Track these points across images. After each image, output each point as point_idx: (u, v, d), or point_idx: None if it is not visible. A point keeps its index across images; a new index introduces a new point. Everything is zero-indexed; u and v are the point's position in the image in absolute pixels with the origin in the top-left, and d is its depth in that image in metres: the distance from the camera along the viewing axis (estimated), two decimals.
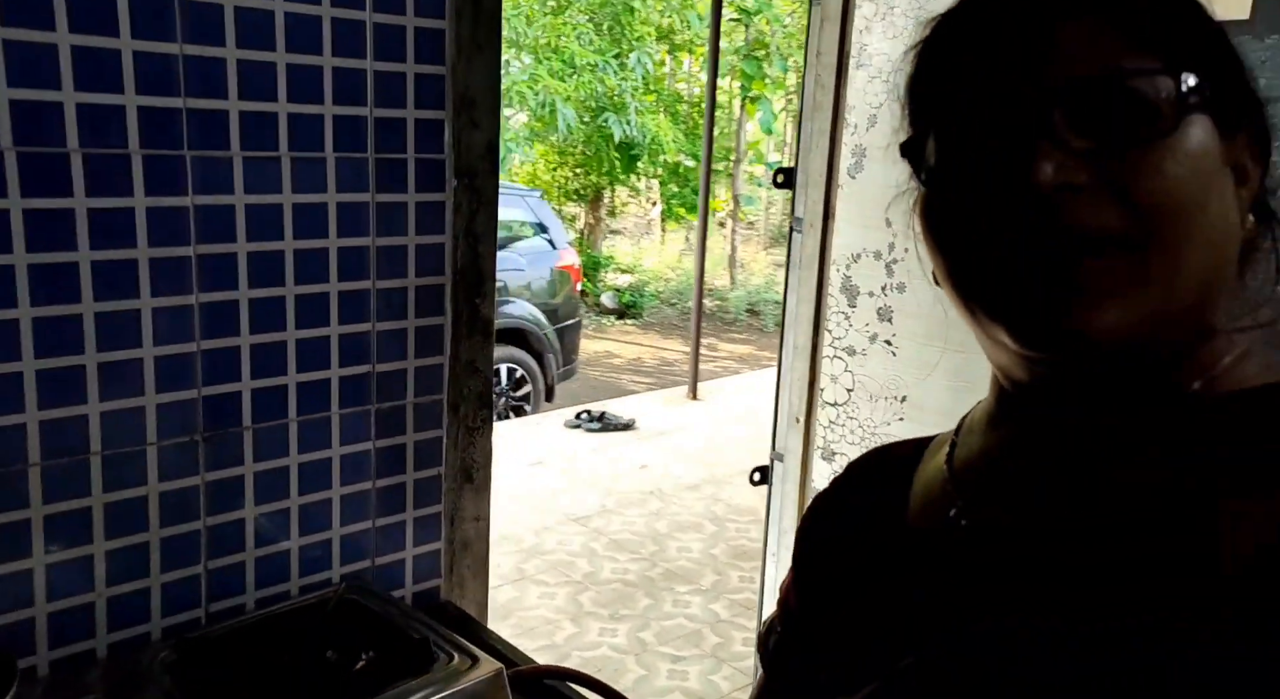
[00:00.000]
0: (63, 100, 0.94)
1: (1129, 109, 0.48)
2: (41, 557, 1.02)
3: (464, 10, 1.23)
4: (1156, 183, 0.48)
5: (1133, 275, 0.48)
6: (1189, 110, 0.49)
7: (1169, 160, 0.48)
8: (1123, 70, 0.48)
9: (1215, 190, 0.50)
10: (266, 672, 1.03)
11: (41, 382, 0.98)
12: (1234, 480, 0.47)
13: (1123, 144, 0.48)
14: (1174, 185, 0.48)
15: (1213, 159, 0.50)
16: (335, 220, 1.16)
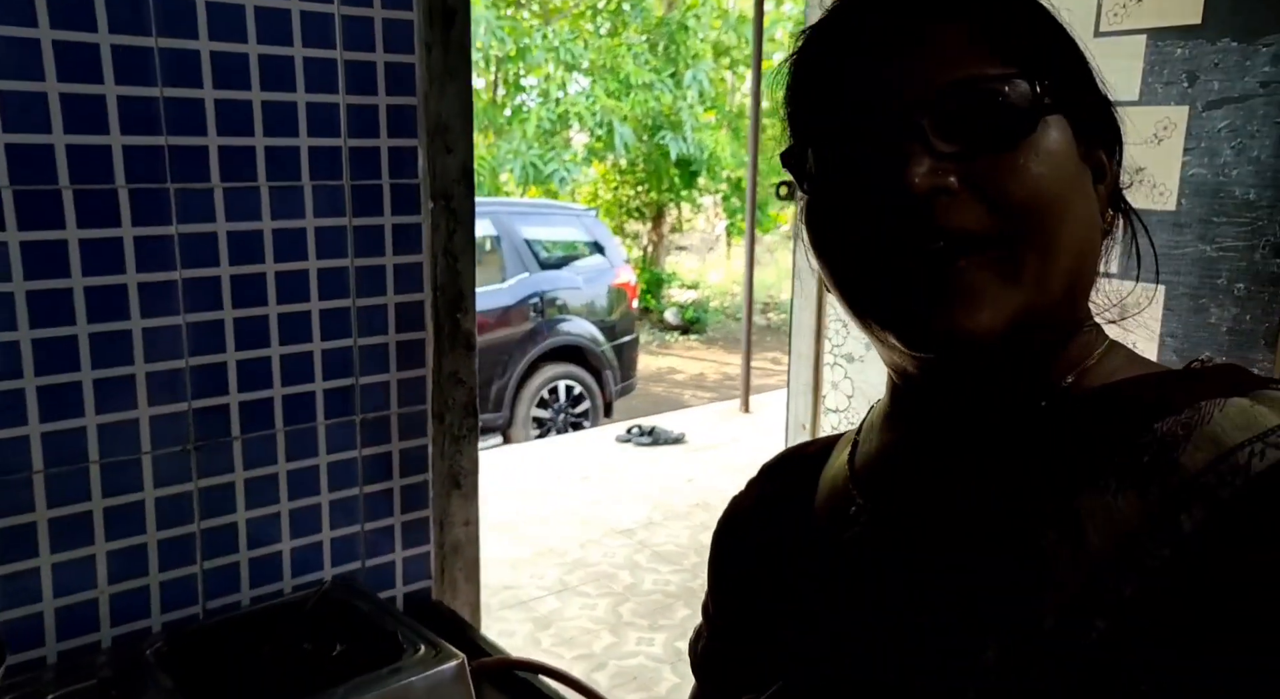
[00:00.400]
0: (53, 142, 1.05)
1: (992, 113, 0.51)
2: (48, 556, 1.12)
3: (434, 43, 1.31)
4: (1022, 183, 0.50)
5: (1005, 274, 0.51)
6: (1046, 111, 0.51)
7: (1032, 160, 0.50)
8: (984, 77, 0.51)
9: (1076, 187, 0.53)
10: (249, 661, 1.11)
11: (42, 397, 1.09)
12: (1096, 474, 0.49)
13: (988, 147, 0.51)
14: (1038, 184, 0.50)
15: (1071, 158, 0.53)
16: (314, 244, 1.25)
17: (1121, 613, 0.44)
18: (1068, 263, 0.52)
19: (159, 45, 1.10)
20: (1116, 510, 0.47)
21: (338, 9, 1.21)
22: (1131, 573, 0.45)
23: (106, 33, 1.06)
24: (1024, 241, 0.51)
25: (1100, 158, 0.56)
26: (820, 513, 0.64)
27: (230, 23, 1.14)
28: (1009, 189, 0.50)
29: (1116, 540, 0.46)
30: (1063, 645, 0.45)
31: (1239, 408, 0.48)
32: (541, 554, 3.95)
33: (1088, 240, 0.54)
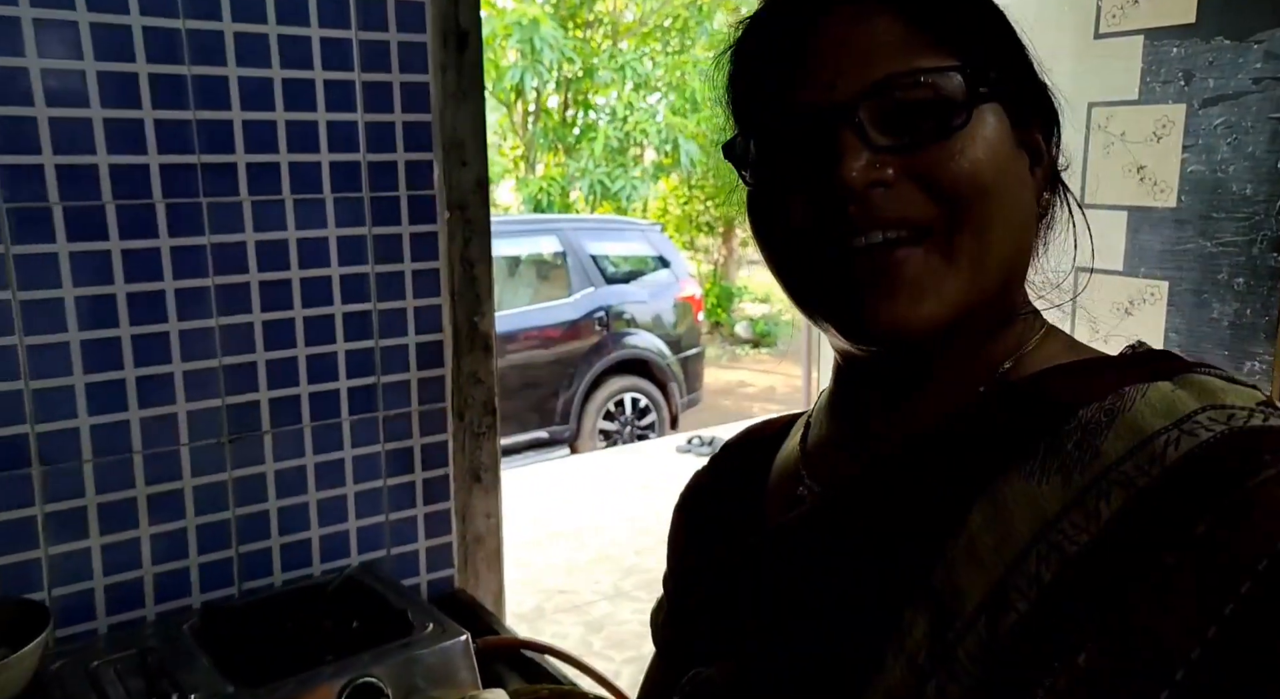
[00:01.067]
0: (98, 162, 1.17)
1: (927, 106, 0.51)
2: (97, 538, 1.24)
3: (448, 64, 1.40)
4: (958, 172, 0.51)
5: (944, 262, 0.51)
6: (981, 100, 0.52)
7: (968, 149, 0.51)
8: (919, 69, 0.51)
9: (1012, 173, 0.53)
10: (274, 635, 1.20)
11: (90, 392, 1.20)
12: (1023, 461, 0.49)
13: (925, 138, 0.51)
14: (974, 171, 0.51)
15: (1007, 144, 0.53)
16: (336, 252, 1.34)
17: (1041, 597, 0.45)
18: (1005, 248, 0.53)
19: (191, 72, 1.21)
20: (1041, 496, 0.47)
21: (355, 34, 1.31)
22: (1052, 557, 0.45)
23: (144, 62, 1.18)
24: (961, 229, 0.51)
25: (1037, 141, 0.56)
26: (771, 493, 0.66)
27: (255, 50, 1.24)
28: (946, 177, 0.51)
29: (1040, 525, 0.46)
30: (985, 627, 0.46)
31: (1161, 393, 0.48)
32: (598, 560, 4.02)
33: (1024, 226, 0.55)
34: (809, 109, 0.52)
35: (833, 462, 0.61)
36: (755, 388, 9.44)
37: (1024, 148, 0.55)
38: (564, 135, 10.81)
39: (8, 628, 0.99)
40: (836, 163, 0.50)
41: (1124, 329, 1.55)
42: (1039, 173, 0.57)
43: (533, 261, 6.25)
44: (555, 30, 9.34)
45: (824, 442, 0.63)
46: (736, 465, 0.72)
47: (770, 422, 0.74)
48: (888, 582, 0.51)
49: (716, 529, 0.69)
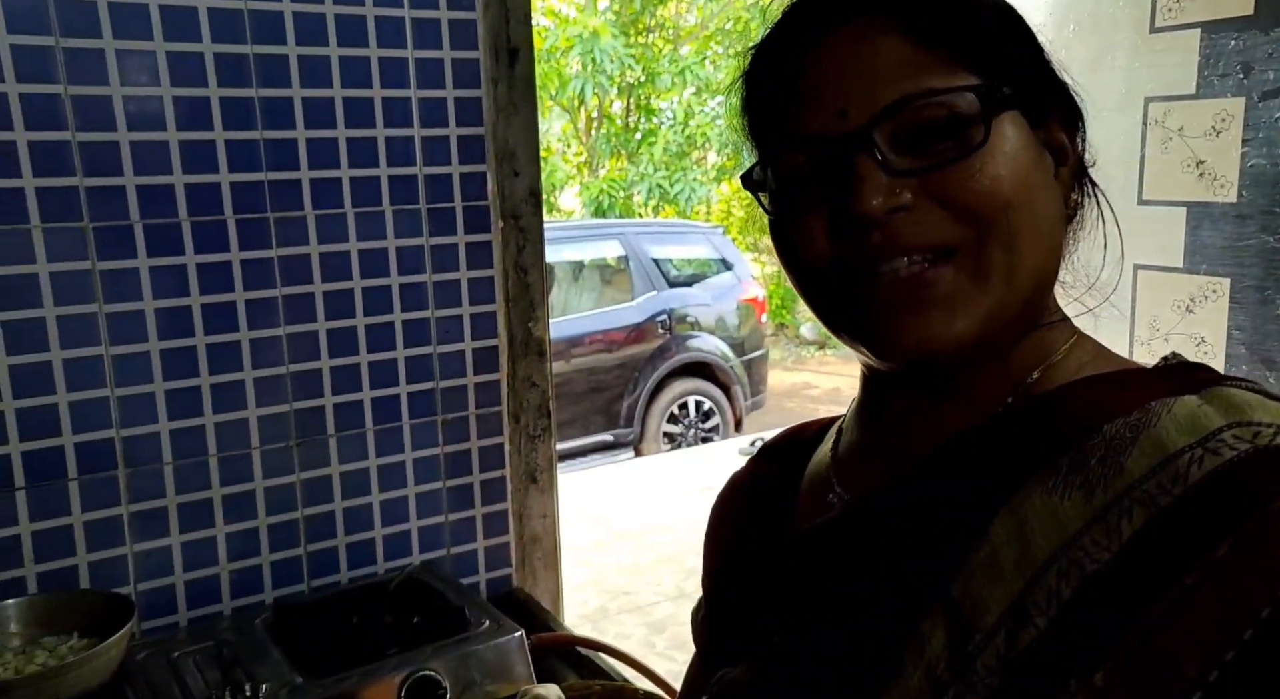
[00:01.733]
0: (173, 182, 1.24)
1: (942, 127, 0.50)
2: (177, 536, 1.31)
3: (499, 78, 1.45)
4: (981, 190, 0.50)
5: (974, 278, 0.51)
6: (998, 111, 0.51)
7: (988, 165, 0.50)
8: (931, 90, 0.50)
9: (1036, 180, 0.52)
10: (339, 629, 1.26)
11: (170, 399, 1.28)
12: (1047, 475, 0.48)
13: (943, 159, 0.50)
14: (996, 186, 0.50)
15: (1029, 150, 0.52)
16: (395, 262, 1.40)
17: (1061, 614, 0.44)
18: (1035, 257, 0.52)
19: (259, 95, 1.28)
20: (1063, 512, 0.46)
21: (411, 53, 1.37)
22: (1073, 574, 0.45)
23: (216, 86, 1.25)
24: (990, 245, 0.51)
25: (1061, 141, 0.55)
26: (803, 498, 0.66)
27: (318, 72, 1.31)
28: (968, 196, 0.50)
29: (1061, 542, 0.46)
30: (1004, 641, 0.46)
31: (1187, 409, 0.47)
32: (661, 561, 4.04)
33: (1052, 231, 0.54)
34: (822, 137, 0.52)
35: (861, 470, 0.61)
36: (820, 389, 9.35)
37: (1047, 149, 0.55)
38: (626, 140, 10.87)
39: (97, 619, 1.06)
40: (854, 192, 0.50)
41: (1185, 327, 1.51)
42: (1064, 173, 0.56)
43: (596, 266, 6.31)
44: (615, 40, 9.41)
45: (853, 449, 0.63)
46: (773, 468, 0.73)
47: (808, 424, 0.74)
48: (908, 590, 0.51)
49: (750, 531, 0.70)
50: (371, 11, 1.32)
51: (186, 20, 1.21)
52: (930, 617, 0.49)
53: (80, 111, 1.17)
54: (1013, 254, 0.51)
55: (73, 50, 1.15)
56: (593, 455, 5.94)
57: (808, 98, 0.53)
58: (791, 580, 0.60)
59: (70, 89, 1.16)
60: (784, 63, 0.55)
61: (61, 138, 1.16)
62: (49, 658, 1.02)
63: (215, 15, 1.23)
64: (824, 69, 0.53)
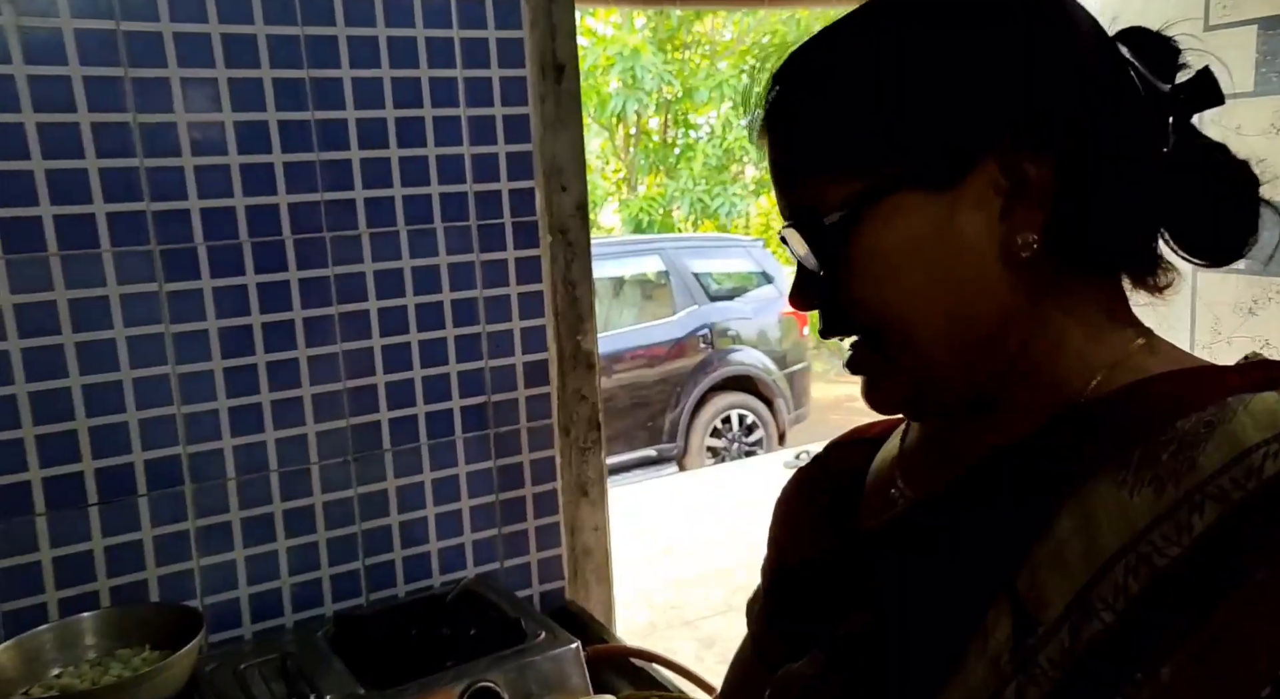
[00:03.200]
0: (234, 204, 1.28)
1: (809, 241, 0.55)
2: (241, 550, 1.34)
3: (546, 95, 1.47)
4: (856, 303, 0.55)
5: (885, 363, 0.56)
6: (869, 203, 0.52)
7: (859, 270, 0.54)
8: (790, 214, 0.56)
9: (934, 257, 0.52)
10: (399, 642, 1.27)
11: (233, 416, 1.31)
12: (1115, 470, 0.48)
13: (825, 268, 0.56)
14: (867, 300, 0.54)
15: (916, 232, 0.52)
16: (447, 278, 1.42)
17: (1128, 608, 0.44)
18: (944, 333, 0.54)
19: (314, 117, 1.31)
20: (1132, 507, 0.46)
21: (460, 73, 1.39)
22: (1141, 569, 0.45)
23: (274, 110, 1.28)
24: (883, 338, 0.55)
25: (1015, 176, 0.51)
26: (867, 494, 0.67)
27: (371, 93, 1.34)
28: (851, 302, 0.55)
29: (1130, 536, 0.46)
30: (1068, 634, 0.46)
31: (1265, 405, 0.46)
32: (708, 576, 4.02)
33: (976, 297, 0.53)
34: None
35: (925, 468, 0.62)
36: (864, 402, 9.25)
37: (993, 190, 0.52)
38: (665, 156, 10.92)
39: (167, 632, 1.09)
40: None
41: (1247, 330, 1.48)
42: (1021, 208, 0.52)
43: (637, 282, 6.33)
44: (655, 57, 9.48)
45: (917, 448, 0.64)
46: (839, 464, 0.73)
47: (874, 424, 0.75)
48: (972, 583, 0.51)
49: (814, 525, 0.70)
50: (422, 33, 1.35)
51: (246, 47, 1.25)
52: (995, 608, 0.49)
53: (147, 138, 1.21)
54: (909, 342, 0.54)
55: (140, 80, 1.19)
56: (636, 471, 5.94)
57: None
58: (857, 575, 0.61)
59: (138, 117, 1.20)
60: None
61: (130, 164, 1.20)
62: (123, 670, 1.05)
63: (274, 41, 1.26)
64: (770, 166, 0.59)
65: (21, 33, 1.13)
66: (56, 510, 1.21)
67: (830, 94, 0.55)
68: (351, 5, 1.31)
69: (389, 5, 1.33)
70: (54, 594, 1.21)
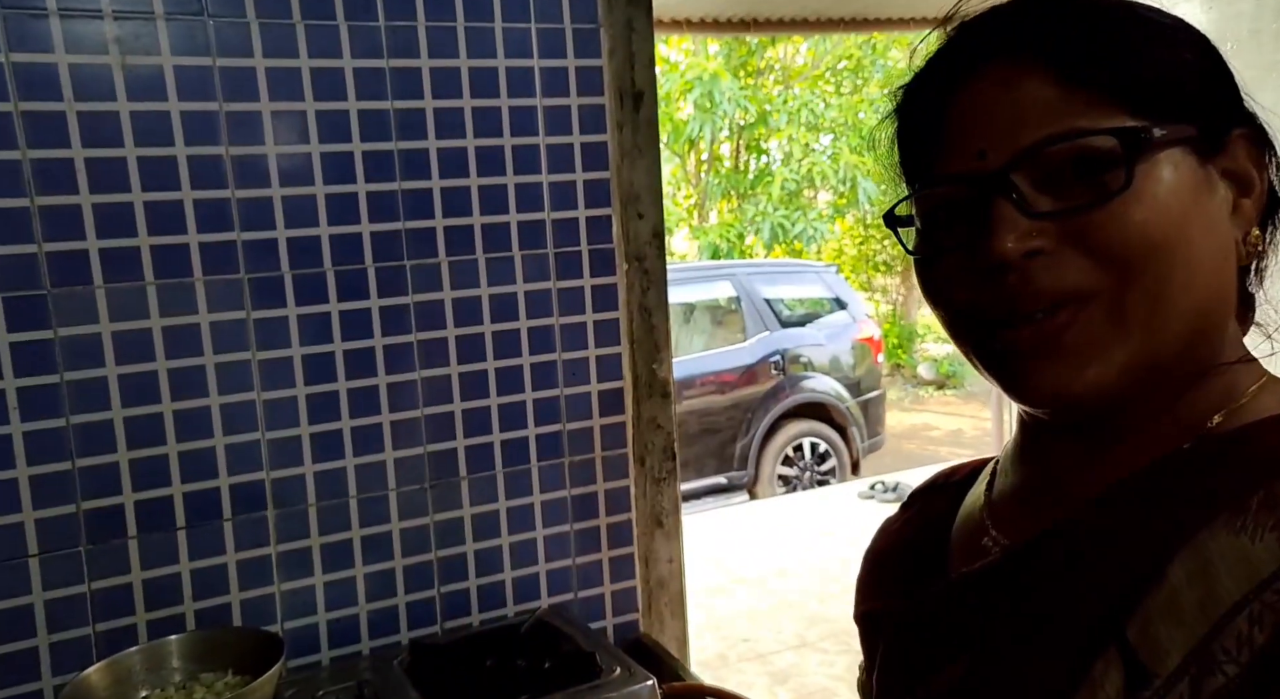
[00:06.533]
0: (319, 234, 1.30)
1: (1085, 167, 0.49)
2: (320, 576, 1.35)
3: (624, 123, 1.47)
4: (1124, 235, 0.48)
5: (1113, 325, 0.49)
6: (1146, 153, 0.49)
7: (1131, 210, 0.48)
8: (1075, 130, 0.49)
9: (1198, 222, 0.50)
10: (474, 672, 1.26)
11: (314, 442, 1.33)
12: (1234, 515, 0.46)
13: (1084, 203, 0.49)
14: (1143, 232, 0.48)
15: (1189, 189, 0.50)
16: (524, 306, 1.42)
17: (1255, 662, 0.42)
18: (1186, 305, 0.50)
19: (398, 147, 1.33)
20: (1253, 554, 0.44)
21: (540, 102, 1.40)
22: (1266, 619, 0.42)
23: (359, 142, 1.31)
24: (1131, 292, 0.49)
25: (1246, 170, 0.52)
26: (955, 542, 0.64)
27: (452, 123, 1.35)
28: (1110, 242, 0.49)
29: (1253, 585, 0.43)
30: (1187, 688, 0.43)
31: None
32: (780, 608, 3.94)
33: (1215, 273, 0.51)
34: (961, 178, 0.52)
35: (1018, 514, 0.59)
36: (941, 431, 9.03)
37: (1229, 179, 0.52)
38: (738, 182, 10.92)
39: (249, 656, 1.10)
40: (989, 235, 0.50)
41: None
42: (1246, 205, 0.52)
43: (707, 308, 6.31)
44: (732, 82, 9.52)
45: (1009, 493, 0.61)
46: (923, 513, 0.71)
47: (958, 467, 0.73)
48: (1078, 631, 0.48)
49: (902, 576, 0.68)
50: (503, 63, 1.37)
51: (334, 80, 1.28)
52: (1104, 659, 0.46)
53: (239, 170, 1.24)
54: (1159, 300, 0.49)
55: (234, 113, 1.23)
56: (706, 498, 5.88)
57: (949, 138, 0.53)
58: (949, 626, 0.58)
59: (231, 150, 1.23)
60: (930, 103, 0.55)
61: (222, 196, 1.23)
62: (207, 693, 1.06)
63: (360, 74, 1.29)
64: (966, 110, 0.52)
65: (126, 70, 1.18)
66: (147, 534, 1.23)
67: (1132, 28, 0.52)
68: (435, 36, 1.33)
69: (471, 35, 1.35)
70: (143, 616, 1.24)
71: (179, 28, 1.20)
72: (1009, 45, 0.52)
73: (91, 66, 1.16)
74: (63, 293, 1.17)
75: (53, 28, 1.14)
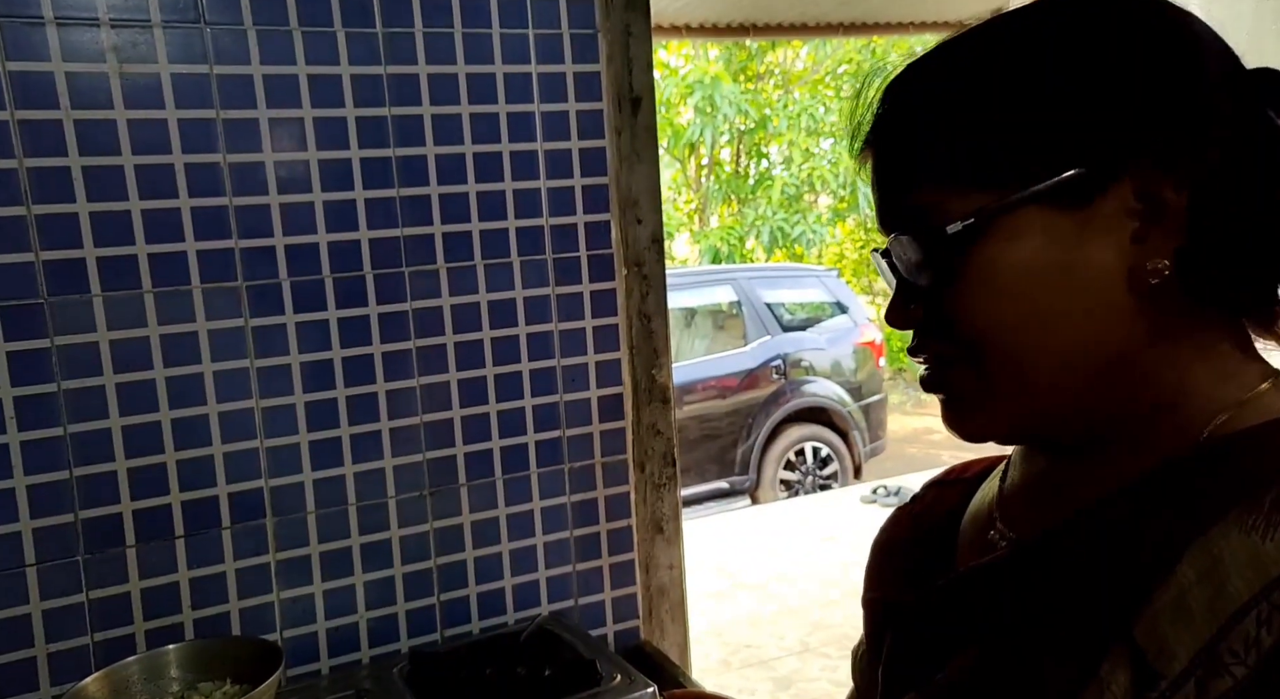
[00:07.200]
0: (318, 241, 1.30)
1: (922, 251, 0.52)
2: (319, 584, 1.35)
3: (623, 128, 1.47)
4: (968, 318, 0.52)
5: (982, 387, 0.53)
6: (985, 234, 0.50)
7: (971, 296, 0.51)
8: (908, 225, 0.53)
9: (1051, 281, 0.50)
10: (474, 681, 1.26)
11: (313, 449, 1.32)
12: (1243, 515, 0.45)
13: (934, 282, 0.53)
14: (984, 316, 0.51)
15: (1038, 252, 0.50)
16: (523, 312, 1.42)
17: (1262, 663, 0.41)
18: (1052, 362, 0.51)
19: (395, 154, 1.33)
20: (1264, 553, 0.43)
21: (538, 107, 1.40)
22: (1275, 620, 0.42)
23: (357, 149, 1.31)
24: (987, 363, 0.52)
25: (1148, 204, 0.49)
26: (964, 536, 0.65)
27: (450, 129, 1.35)
28: (958, 322, 0.52)
29: (1263, 585, 0.43)
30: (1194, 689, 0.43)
31: None
32: (784, 614, 3.93)
33: (1084, 322, 0.50)
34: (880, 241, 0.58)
35: (1026, 510, 0.59)
36: (943, 434, 8.97)
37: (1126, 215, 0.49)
38: (738, 186, 10.92)
39: (248, 666, 1.09)
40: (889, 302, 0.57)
41: None
42: (1156, 233, 0.49)
43: (708, 312, 6.31)
44: (732, 86, 9.52)
45: (1018, 488, 0.61)
46: (934, 505, 0.71)
47: (972, 462, 0.73)
48: (1085, 630, 0.48)
49: (910, 567, 0.68)
50: (501, 69, 1.37)
51: (331, 87, 1.28)
52: (1111, 659, 0.46)
53: (236, 178, 1.24)
54: (1017, 366, 0.52)
55: (231, 121, 1.23)
56: (708, 503, 5.87)
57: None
58: (955, 619, 0.58)
59: (228, 157, 1.23)
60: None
61: (220, 203, 1.23)
62: None
63: (357, 81, 1.29)
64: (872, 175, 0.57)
65: (123, 78, 1.17)
66: (145, 543, 1.23)
67: (961, 102, 0.52)
68: (432, 42, 1.33)
69: (469, 41, 1.35)
70: (142, 625, 1.23)
71: (176, 35, 1.19)
72: (876, 128, 0.56)
73: (88, 74, 1.16)
74: (60, 301, 1.17)
75: (49, 36, 1.14)
